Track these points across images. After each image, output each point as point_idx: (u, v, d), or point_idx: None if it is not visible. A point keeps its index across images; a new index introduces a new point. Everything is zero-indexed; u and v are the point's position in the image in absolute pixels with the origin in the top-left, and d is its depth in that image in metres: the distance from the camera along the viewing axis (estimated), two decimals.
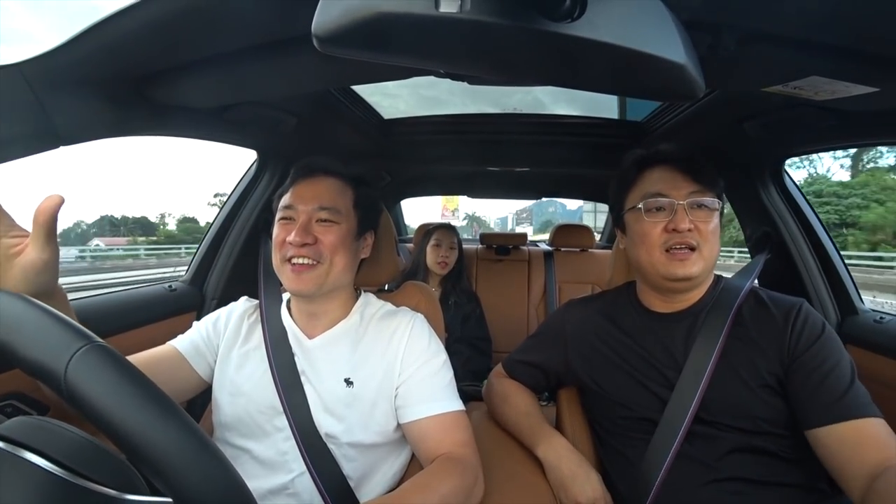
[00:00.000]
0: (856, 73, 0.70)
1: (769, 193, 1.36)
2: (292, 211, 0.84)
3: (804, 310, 0.83)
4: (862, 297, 1.28)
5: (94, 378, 0.35)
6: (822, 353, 0.77)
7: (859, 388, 0.75)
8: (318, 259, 0.82)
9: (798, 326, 0.80)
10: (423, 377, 0.84)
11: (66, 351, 0.36)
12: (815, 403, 0.74)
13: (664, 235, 0.85)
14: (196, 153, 27.94)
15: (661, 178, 0.88)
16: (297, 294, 0.87)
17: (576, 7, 0.38)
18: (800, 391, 0.76)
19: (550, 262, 2.49)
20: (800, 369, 0.77)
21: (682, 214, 0.83)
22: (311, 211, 0.83)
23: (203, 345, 0.89)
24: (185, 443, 0.35)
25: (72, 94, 0.73)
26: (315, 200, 0.84)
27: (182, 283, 1.39)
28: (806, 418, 0.75)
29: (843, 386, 0.74)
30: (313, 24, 0.40)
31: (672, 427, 0.80)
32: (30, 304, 0.39)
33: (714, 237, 0.84)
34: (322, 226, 0.84)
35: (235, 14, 0.63)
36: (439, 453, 0.78)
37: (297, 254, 0.81)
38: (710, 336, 0.83)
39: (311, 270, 0.82)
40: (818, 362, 0.76)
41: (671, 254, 0.84)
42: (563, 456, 0.85)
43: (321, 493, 0.76)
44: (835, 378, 0.75)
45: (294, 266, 0.81)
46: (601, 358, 0.94)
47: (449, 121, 1.63)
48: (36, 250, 0.54)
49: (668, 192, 0.85)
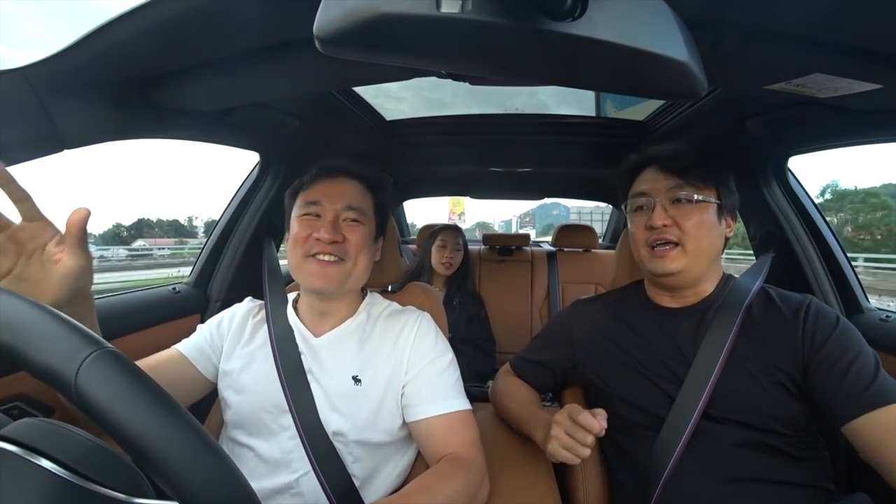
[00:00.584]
0: (859, 71, 0.70)
1: (773, 192, 1.35)
2: (318, 207, 0.85)
3: (814, 306, 0.82)
4: (867, 296, 1.27)
5: (105, 383, 0.35)
6: (841, 345, 0.75)
7: (886, 375, 0.73)
8: (344, 257, 0.83)
9: (810, 324, 0.79)
10: (430, 376, 0.84)
11: (76, 356, 0.36)
12: (845, 396, 0.72)
13: (646, 233, 0.86)
14: (215, 157, 28.08)
15: (645, 178, 0.90)
16: (318, 291, 0.86)
17: (577, 6, 0.38)
18: (825, 388, 0.74)
19: (553, 263, 2.48)
20: (820, 366, 0.75)
21: (659, 211, 0.84)
22: (339, 209, 0.85)
23: (207, 347, 0.90)
24: (192, 448, 0.35)
25: (75, 97, 0.74)
26: (343, 199, 0.85)
27: (186, 285, 1.40)
28: (839, 413, 0.72)
29: (870, 374, 0.72)
30: (315, 25, 0.40)
31: (679, 423, 0.80)
32: (41, 309, 0.39)
33: (700, 230, 0.84)
34: (349, 225, 0.85)
35: (238, 17, 0.63)
36: (445, 453, 0.78)
37: (325, 251, 0.82)
38: (720, 333, 0.83)
39: (336, 267, 0.83)
40: (838, 355, 0.74)
41: (654, 251, 0.86)
42: (549, 421, 0.82)
43: (326, 493, 0.76)
44: (859, 367, 0.73)
45: (320, 262, 0.82)
46: (609, 355, 0.94)
47: (451, 122, 1.63)
48: (73, 258, 0.56)
49: (648, 191, 0.88)
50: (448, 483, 0.71)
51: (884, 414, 0.69)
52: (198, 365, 0.88)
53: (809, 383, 0.76)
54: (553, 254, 2.54)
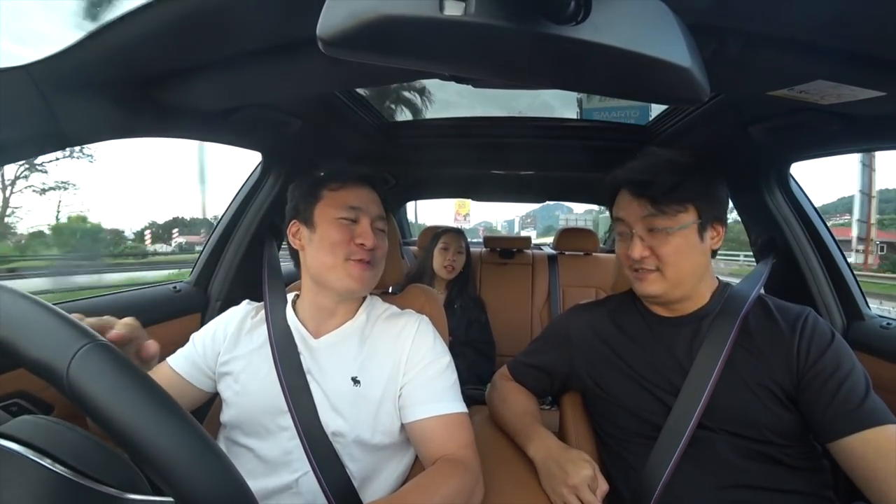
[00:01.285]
0: (862, 77, 0.69)
1: (775, 198, 1.35)
2: (359, 213, 0.87)
3: (811, 319, 0.82)
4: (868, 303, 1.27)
5: (97, 376, 0.35)
6: (835, 361, 0.76)
7: (875, 396, 0.73)
8: (377, 263, 0.88)
9: (806, 337, 0.79)
10: (427, 378, 0.84)
11: (68, 349, 0.36)
12: (835, 413, 0.72)
13: (628, 259, 0.87)
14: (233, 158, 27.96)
15: (622, 203, 0.90)
16: (352, 292, 0.89)
17: (580, 10, 0.38)
18: (816, 403, 0.75)
19: (554, 266, 2.48)
20: (813, 381, 0.76)
21: (636, 242, 0.85)
22: (373, 218, 0.89)
23: (201, 360, 0.90)
24: (186, 442, 0.35)
25: (79, 95, 0.74)
26: (376, 209, 0.90)
27: (187, 284, 1.40)
28: (827, 429, 0.73)
29: (861, 393, 0.73)
30: (318, 27, 0.40)
31: (676, 432, 0.80)
32: (33, 302, 0.39)
33: (678, 256, 0.83)
34: (378, 233, 0.89)
35: (242, 17, 0.63)
36: (441, 454, 0.78)
37: (366, 257, 0.85)
38: (716, 343, 0.83)
39: (371, 271, 0.87)
40: (831, 371, 0.75)
41: (637, 273, 0.87)
42: (552, 448, 0.84)
43: (325, 493, 0.76)
44: (851, 385, 0.73)
45: (361, 265, 0.85)
46: (606, 362, 0.93)
47: (453, 124, 1.63)
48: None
49: (624, 218, 0.88)
50: (444, 484, 0.71)
51: (873, 435, 0.69)
52: (193, 380, 0.90)
53: (800, 397, 0.77)
54: (554, 257, 2.54)
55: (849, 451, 0.70)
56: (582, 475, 0.76)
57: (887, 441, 0.68)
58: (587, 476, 0.76)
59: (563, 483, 0.76)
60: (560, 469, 0.78)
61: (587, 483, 0.75)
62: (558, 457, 0.80)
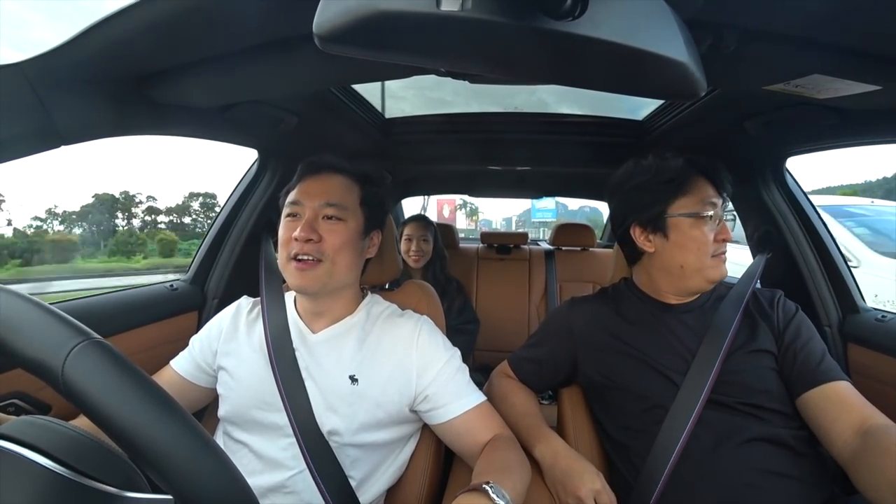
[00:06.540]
0: (857, 72, 0.70)
1: (770, 192, 1.35)
2: (298, 207, 0.84)
3: (782, 298, 0.96)
4: (863, 296, 1.28)
5: (92, 374, 0.35)
6: (799, 329, 0.89)
7: (831, 358, 0.86)
8: (321, 257, 0.81)
9: (779, 310, 0.93)
10: (448, 377, 0.85)
11: (63, 347, 0.36)
12: (800, 371, 0.84)
13: (714, 244, 0.90)
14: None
15: (701, 188, 0.92)
16: (300, 292, 0.87)
17: (577, 5, 0.38)
18: (789, 363, 0.86)
19: (551, 262, 2.49)
20: (787, 346, 0.88)
21: (724, 225, 0.92)
22: (317, 207, 0.83)
23: (200, 359, 0.90)
24: (183, 439, 0.35)
25: (73, 93, 0.73)
26: (321, 196, 0.84)
27: (183, 282, 1.39)
28: (795, 386, 0.84)
29: (819, 354, 0.85)
30: (314, 22, 0.40)
31: (684, 412, 0.83)
32: (27, 300, 0.39)
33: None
34: (328, 223, 0.83)
35: (236, 13, 0.62)
36: (486, 440, 0.82)
37: (301, 250, 0.80)
38: (723, 324, 0.90)
39: (313, 268, 0.81)
40: (795, 336, 0.88)
41: (718, 258, 0.91)
42: (560, 453, 0.85)
43: (321, 491, 0.76)
44: (811, 348, 0.86)
45: (298, 263, 0.81)
46: (612, 350, 0.95)
47: (450, 120, 1.63)
48: None
49: (714, 202, 0.91)
50: (511, 453, 0.78)
51: (829, 389, 0.81)
52: (196, 381, 0.90)
53: (781, 360, 0.88)
54: (551, 252, 2.54)
55: (811, 404, 0.81)
56: (589, 487, 0.77)
57: (837, 394, 0.80)
58: (594, 490, 0.77)
59: (571, 493, 0.78)
60: (567, 478, 0.80)
61: (594, 497, 0.77)
62: (566, 466, 0.82)
